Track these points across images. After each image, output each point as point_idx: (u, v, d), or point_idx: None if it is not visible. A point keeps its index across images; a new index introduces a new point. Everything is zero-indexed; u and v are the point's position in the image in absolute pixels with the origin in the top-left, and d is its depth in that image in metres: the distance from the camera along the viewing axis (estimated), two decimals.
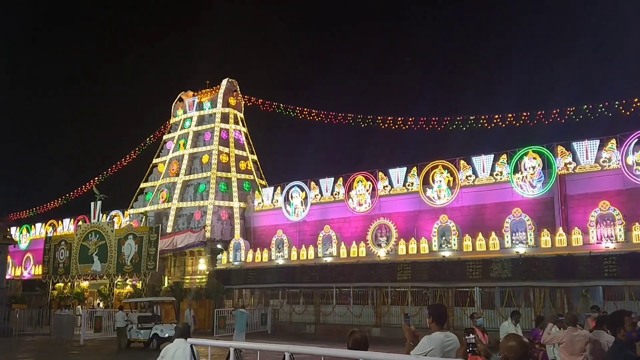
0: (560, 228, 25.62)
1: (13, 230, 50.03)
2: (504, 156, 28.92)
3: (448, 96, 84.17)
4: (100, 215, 39.56)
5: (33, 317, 31.87)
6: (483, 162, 29.62)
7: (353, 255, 31.28)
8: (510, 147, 29.19)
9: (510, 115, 34.02)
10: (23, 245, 52.02)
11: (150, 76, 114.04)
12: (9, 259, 38.18)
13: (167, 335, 21.36)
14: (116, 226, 39.37)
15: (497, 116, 34.54)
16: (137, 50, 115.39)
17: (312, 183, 36.54)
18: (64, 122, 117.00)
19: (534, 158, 27.42)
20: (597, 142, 26.54)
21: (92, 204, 39.33)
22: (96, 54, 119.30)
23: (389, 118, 38.83)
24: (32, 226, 54.09)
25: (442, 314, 5.62)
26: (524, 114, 33.44)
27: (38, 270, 45.31)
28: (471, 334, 4.23)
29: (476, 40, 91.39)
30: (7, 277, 37.97)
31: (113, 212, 45.47)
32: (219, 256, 37.81)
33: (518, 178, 27.82)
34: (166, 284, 38.78)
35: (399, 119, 38.44)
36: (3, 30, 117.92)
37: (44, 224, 52.49)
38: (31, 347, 24.28)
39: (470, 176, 29.82)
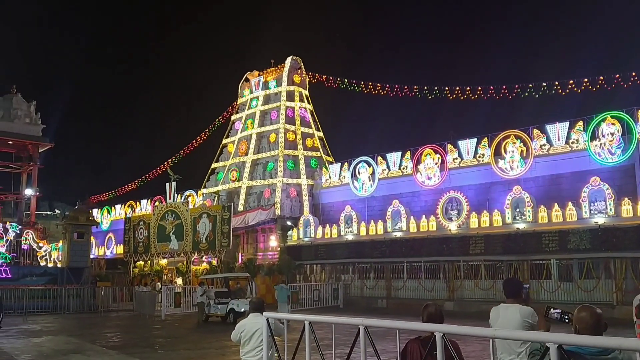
0: None
1: (95, 212, 52.64)
2: (580, 123, 27.68)
3: (519, 63, 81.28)
4: (175, 195, 40.85)
5: (117, 294, 33.48)
6: (558, 130, 28.47)
7: (423, 229, 30.97)
8: (587, 113, 27.93)
9: (585, 80, 32.49)
10: (105, 226, 54.61)
11: (217, 58, 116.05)
12: (93, 240, 40.14)
13: (243, 310, 21.97)
14: (190, 205, 40.59)
15: (571, 81, 33.09)
16: (203, 33, 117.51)
17: (379, 158, 36.31)
18: (138, 110, 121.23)
19: (613, 124, 26.06)
20: None
21: (167, 184, 40.64)
22: (165, 40, 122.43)
23: (457, 88, 37.96)
24: (112, 208, 56.61)
25: (514, 287, 5.66)
26: (601, 78, 31.87)
27: (119, 250, 47.47)
28: (552, 309, 4.07)
29: (551, 4, 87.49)
30: (92, 256, 40.02)
31: (187, 192, 46.91)
32: (289, 233, 38.38)
33: (596, 145, 26.58)
34: (240, 261, 39.79)
35: (468, 88, 37.51)
36: (85, 16, 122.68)
37: (123, 205, 54.82)
38: (117, 322, 25.57)
39: (544, 145, 28.78)
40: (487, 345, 3.66)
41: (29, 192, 45.02)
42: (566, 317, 3.97)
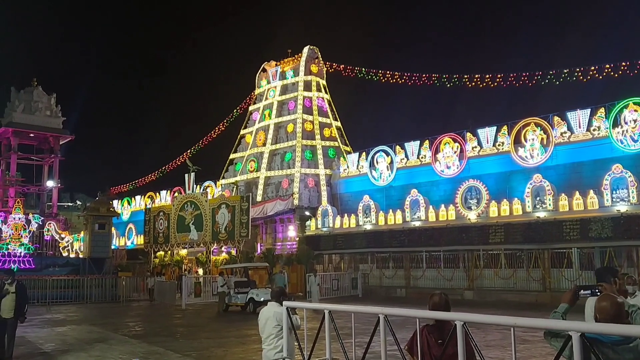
0: None
1: (115, 203, 53.16)
2: (602, 110, 27.26)
3: (540, 50, 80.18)
4: (194, 186, 41.13)
5: (138, 284, 33.86)
6: (579, 117, 28.08)
7: (442, 218, 30.84)
8: (609, 100, 27.47)
9: (607, 66, 31.95)
10: (125, 217, 55.16)
11: (234, 49, 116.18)
12: (113, 230, 40.60)
13: (262, 299, 22.10)
14: (209, 196, 40.83)
15: (593, 68, 32.56)
16: (220, 24, 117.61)
17: (398, 147, 36.15)
18: (156, 102, 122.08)
19: (636, 110, 25.62)
20: None
21: (186, 175, 40.92)
22: (182, 32, 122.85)
23: (476, 76, 37.56)
24: (132, 199, 57.12)
25: (601, 276, 5.66)
26: (623, 63, 31.31)
27: (140, 240, 47.97)
28: (583, 290, 4.06)
29: None
30: (113, 247, 40.48)
31: (206, 183, 47.17)
32: (307, 223, 38.46)
33: (618, 132, 26.17)
34: (259, 251, 40.02)
35: (487, 76, 37.09)
36: (103, 9, 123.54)
37: (143, 196, 55.28)
38: (138, 311, 25.90)
39: (565, 133, 28.42)
40: (507, 334, 3.63)
41: (50, 184, 45.62)
42: (597, 290, 3.98)
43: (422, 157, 34.75)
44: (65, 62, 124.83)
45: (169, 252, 42.06)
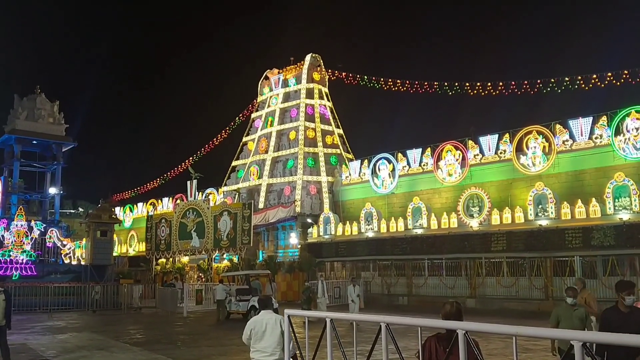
0: None
1: (117, 210, 53.16)
2: (604, 118, 27.28)
3: (541, 58, 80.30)
4: (196, 193, 41.08)
5: (139, 291, 33.76)
6: (581, 125, 28.09)
7: (444, 226, 30.80)
8: (611, 108, 27.49)
9: (609, 74, 32.01)
10: (127, 224, 55.15)
11: (237, 57, 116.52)
12: (115, 237, 40.53)
13: None
14: (211, 203, 40.77)
15: (594, 76, 32.62)
16: (223, 32, 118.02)
17: (400, 155, 36.17)
18: (159, 109, 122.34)
19: (638, 118, 25.63)
20: None
21: (188, 183, 40.88)
22: (185, 39, 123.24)
23: (478, 84, 37.65)
24: (135, 206, 57.16)
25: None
26: (625, 72, 31.36)
27: (142, 247, 47.90)
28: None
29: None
30: (114, 254, 40.40)
31: (208, 190, 47.16)
32: (309, 230, 38.42)
33: (620, 140, 26.17)
34: (261, 258, 39.94)
35: (489, 84, 37.18)
36: (110, 14, 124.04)
37: (145, 203, 55.31)
38: (140, 319, 25.85)
39: (567, 141, 28.42)
40: (509, 342, 3.62)
41: (53, 190, 45.62)
42: None
43: (424, 165, 34.76)
44: (68, 70, 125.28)
45: (171, 259, 41.98)
